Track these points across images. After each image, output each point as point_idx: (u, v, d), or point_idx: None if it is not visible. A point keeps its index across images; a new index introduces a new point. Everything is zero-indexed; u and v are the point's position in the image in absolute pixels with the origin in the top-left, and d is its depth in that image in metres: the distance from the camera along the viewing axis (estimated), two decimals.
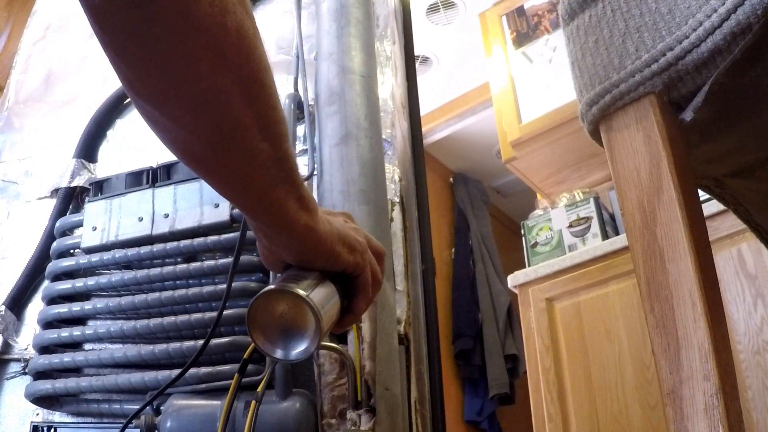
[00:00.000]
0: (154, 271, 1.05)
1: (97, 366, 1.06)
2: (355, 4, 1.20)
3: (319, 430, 0.89)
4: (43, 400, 1.07)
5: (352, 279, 0.66)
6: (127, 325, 1.03)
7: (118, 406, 1.03)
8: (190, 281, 1.05)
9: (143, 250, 1.07)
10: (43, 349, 1.10)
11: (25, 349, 1.18)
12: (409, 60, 1.39)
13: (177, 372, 0.89)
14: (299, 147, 1.15)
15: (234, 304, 0.95)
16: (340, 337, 0.93)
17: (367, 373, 0.88)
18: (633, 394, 1.69)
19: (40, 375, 1.08)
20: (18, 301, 1.22)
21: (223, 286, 0.98)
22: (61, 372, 1.08)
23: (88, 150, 1.33)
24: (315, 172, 1.07)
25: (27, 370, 1.11)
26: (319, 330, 0.58)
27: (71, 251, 1.18)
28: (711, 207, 1.46)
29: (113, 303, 1.05)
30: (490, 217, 3.58)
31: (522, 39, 2.55)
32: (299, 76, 1.19)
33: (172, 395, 0.95)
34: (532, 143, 2.38)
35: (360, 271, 0.66)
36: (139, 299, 1.04)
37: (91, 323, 1.11)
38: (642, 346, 1.70)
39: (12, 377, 1.17)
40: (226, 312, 0.87)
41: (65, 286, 1.12)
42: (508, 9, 2.66)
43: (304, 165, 1.09)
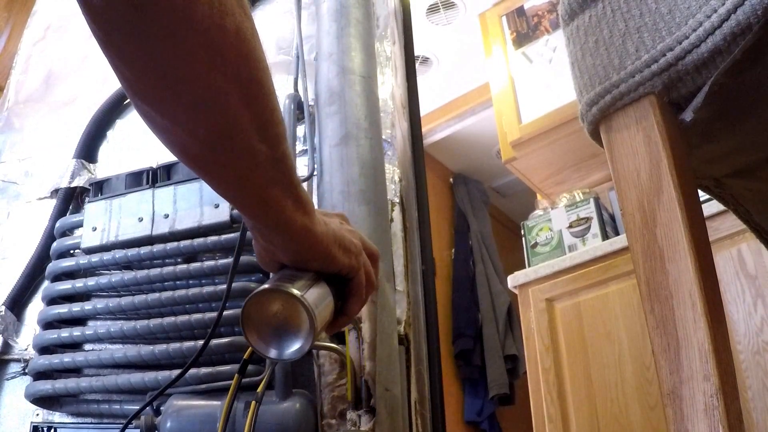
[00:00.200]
0: (154, 272, 1.05)
1: (97, 366, 1.06)
2: (355, 5, 1.20)
3: (319, 431, 0.89)
4: (43, 401, 1.07)
5: (346, 281, 0.66)
6: (127, 326, 1.03)
7: (118, 407, 1.03)
8: (190, 281, 1.05)
9: (143, 250, 1.07)
10: (43, 349, 1.10)
11: (25, 349, 1.18)
12: (409, 60, 1.39)
13: (177, 372, 0.89)
14: (299, 147, 1.14)
15: (234, 305, 0.95)
16: (339, 337, 0.93)
17: (367, 374, 0.88)
18: (633, 395, 1.69)
19: (40, 375, 1.08)
20: (18, 302, 1.22)
21: (223, 287, 0.98)
22: (61, 372, 1.08)
23: (88, 150, 1.33)
24: (315, 173, 1.07)
25: (27, 371, 1.11)
26: (313, 329, 0.58)
27: (71, 251, 1.18)
28: (711, 207, 1.46)
29: (113, 303, 1.05)
30: (490, 218, 3.58)
31: (522, 39, 2.55)
32: (299, 76, 1.19)
33: (172, 395, 0.95)
34: (532, 143, 2.38)
35: (354, 273, 0.66)
36: (139, 300, 1.04)
37: (91, 324, 1.11)
38: (642, 347, 1.70)
39: (12, 377, 1.17)
40: (226, 312, 0.87)
41: (65, 286, 1.12)
42: (508, 9, 2.66)
43: (304, 165, 1.09)
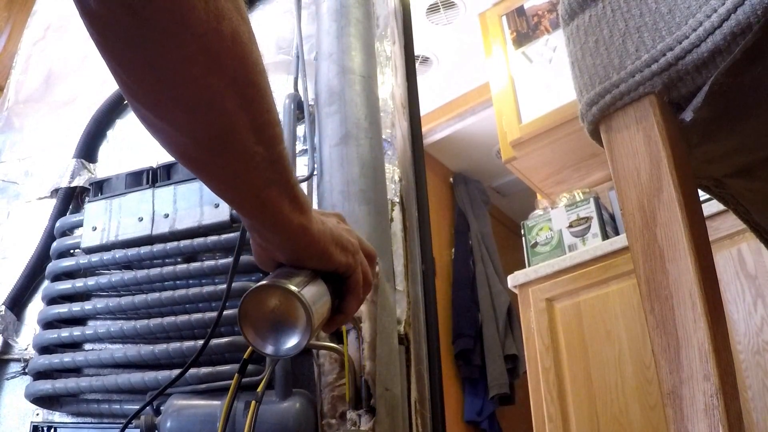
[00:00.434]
0: (154, 271, 1.05)
1: (97, 366, 1.06)
2: (355, 4, 1.20)
3: (319, 430, 0.89)
4: (43, 400, 1.07)
5: (343, 279, 0.67)
6: (127, 325, 1.03)
7: (118, 406, 1.03)
8: (190, 281, 1.05)
9: (143, 250, 1.07)
10: (43, 349, 1.10)
11: (25, 349, 1.18)
12: (409, 60, 1.39)
13: (177, 372, 0.89)
14: (299, 147, 1.14)
15: (234, 304, 0.95)
16: (339, 336, 0.93)
17: (367, 373, 0.88)
18: (633, 394, 1.69)
19: (40, 375, 1.08)
20: (18, 301, 1.22)
21: (223, 286, 0.98)
22: (61, 372, 1.08)
23: (88, 150, 1.33)
24: (315, 172, 1.07)
25: (27, 370, 1.11)
26: (310, 326, 0.59)
27: (71, 251, 1.18)
28: (711, 207, 1.46)
29: (113, 303, 1.05)
30: (490, 217, 3.58)
31: (522, 39, 2.55)
32: (299, 76, 1.19)
33: (172, 395, 0.95)
34: (532, 143, 2.38)
35: (351, 272, 0.66)
36: (139, 299, 1.04)
37: (91, 323, 1.11)
38: (642, 346, 1.70)
39: (12, 377, 1.17)
40: (226, 312, 0.87)
41: (65, 286, 1.12)
42: (508, 9, 2.66)
43: (304, 165, 1.09)
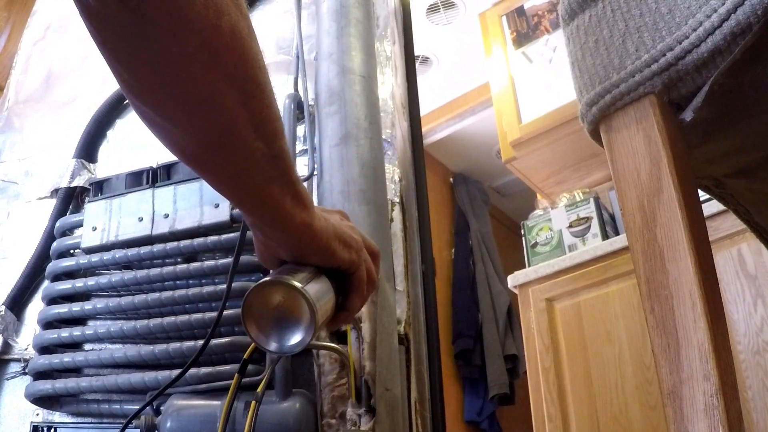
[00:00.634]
0: (154, 272, 1.05)
1: (97, 366, 1.06)
2: (355, 4, 1.20)
3: (319, 430, 0.89)
4: (43, 400, 1.07)
5: (347, 276, 0.66)
6: (127, 326, 1.03)
7: (118, 406, 1.03)
8: (190, 281, 1.05)
9: (143, 250, 1.07)
10: (43, 349, 1.10)
11: (25, 349, 1.18)
12: (409, 60, 1.39)
13: (177, 372, 0.89)
14: (299, 147, 1.14)
15: (234, 304, 0.95)
16: (340, 336, 0.93)
17: (367, 373, 0.88)
18: (633, 394, 1.69)
19: (40, 375, 1.08)
20: (18, 301, 1.22)
21: (223, 286, 0.98)
22: (61, 372, 1.08)
23: (88, 150, 1.33)
24: (315, 172, 1.07)
25: (27, 370, 1.11)
26: (314, 322, 0.58)
27: (71, 251, 1.18)
28: (711, 207, 1.46)
29: (113, 303, 1.05)
30: (490, 217, 3.58)
31: (522, 39, 2.55)
32: (299, 76, 1.19)
33: (172, 395, 0.95)
34: (532, 143, 2.38)
35: (355, 269, 0.66)
36: (139, 299, 1.04)
37: (91, 323, 1.11)
38: (642, 346, 1.70)
39: (12, 377, 1.17)
40: (226, 312, 0.87)
41: (65, 286, 1.12)
42: (508, 9, 2.66)
43: (304, 165, 1.09)
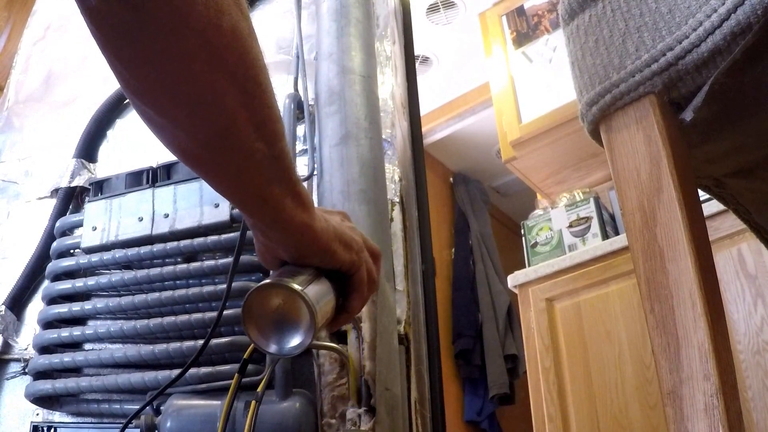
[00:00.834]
0: (154, 271, 1.05)
1: (97, 366, 1.06)
2: (355, 4, 1.20)
3: (319, 430, 0.89)
4: (43, 400, 1.07)
5: (347, 277, 0.66)
6: (127, 325, 1.03)
7: (118, 406, 1.03)
8: (190, 281, 1.05)
9: (143, 250, 1.07)
10: (43, 349, 1.10)
11: (25, 349, 1.18)
12: (409, 60, 1.39)
13: (177, 372, 0.89)
14: (299, 147, 1.14)
15: (234, 304, 0.95)
16: (340, 336, 0.93)
17: (367, 373, 0.88)
18: (633, 394, 1.69)
19: (40, 375, 1.08)
20: (18, 301, 1.22)
21: (223, 286, 0.98)
22: (61, 372, 1.08)
23: (88, 150, 1.33)
24: (315, 172, 1.07)
25: (27, 370, 1.11)
26: (314, 324, 0.58)
27: (71, 251, 1.17)
28: (711, 207, 1.46)
29: (113, 303, 1.05)
30: (490, 217, 3.58)
31: (522, 39, 2.55)
32: (299, 76, 1.19)
33: (172, 395, 0.95)
34: (532, 143, 2.38)
35: (356, 270, 0.66)
36: (139, 299, 1.04)
37: (91, 323, 1.11)
38: (642, 346, 1.70)
39: (12, 377, 1.17)
40: (226, 312, 0.87)
41: (65, 286, 1.12)
42: (508, 9, 2.66)
43: (304, 165, 1.09)
